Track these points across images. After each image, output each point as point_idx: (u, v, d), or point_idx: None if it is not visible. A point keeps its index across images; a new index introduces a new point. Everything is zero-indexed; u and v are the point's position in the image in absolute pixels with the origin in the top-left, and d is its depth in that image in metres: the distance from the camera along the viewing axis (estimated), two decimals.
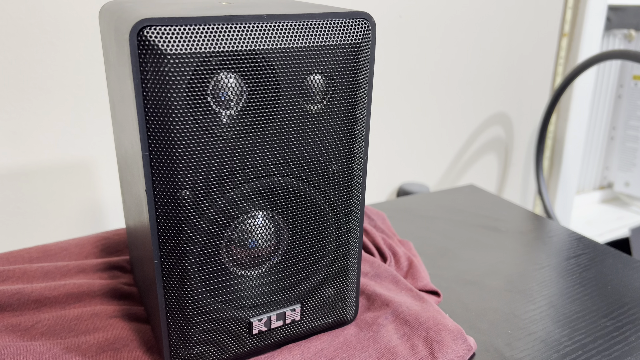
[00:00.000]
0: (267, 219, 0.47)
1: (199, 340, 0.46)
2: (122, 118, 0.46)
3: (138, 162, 0.41)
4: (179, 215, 0.41)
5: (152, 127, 0.38)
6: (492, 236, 0.76)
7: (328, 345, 0.50)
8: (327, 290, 0.51)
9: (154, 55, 0.36)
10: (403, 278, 0.60)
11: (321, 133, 0.45)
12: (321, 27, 0.42)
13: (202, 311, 0.45)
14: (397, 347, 0.49)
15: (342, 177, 0.48)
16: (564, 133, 1.29)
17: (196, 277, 0.44)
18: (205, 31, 0.38)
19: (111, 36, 0.44)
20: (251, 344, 0.48)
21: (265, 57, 0.40)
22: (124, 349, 0.50)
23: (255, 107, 0.42)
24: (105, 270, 0.60)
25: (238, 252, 0.47)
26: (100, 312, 0.54)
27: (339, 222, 0.49)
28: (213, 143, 0.41)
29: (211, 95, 0.40)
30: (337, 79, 0.44)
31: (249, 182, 0.44)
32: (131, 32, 0.36)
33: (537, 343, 0.54)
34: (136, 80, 0.37)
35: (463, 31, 1.09)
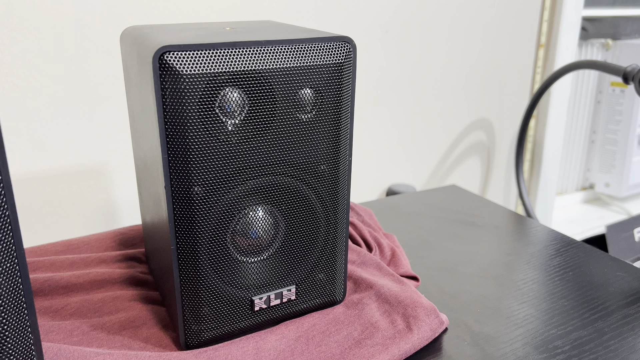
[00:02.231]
0: (266, 212, 0.55)
1: (208, 316, 0.53)
2: (142, 127, 0.54)
3: (158, 164, 0.49)
4: (192, 209, 0.49)
5: (170, 135, 0.46)
6: (469, 230, 0.84)
7: (319, 321, 0.58)
8: (319, 274, 0.59)
9: (172, 75, 0.44)
10: (386, 265, 0.68)
11: (311, 138, 0.53)
12: (310, 49, 0.50)
13: (211, 291, 0.53)
14: (379, 322, 0.57)
15: (330, 175, 0.56)
16: (543, 137, 1.37)
17: (206, 262, 0.52)
18: (214, 55, 0.46)
19: (133, 58, 0.52)
20: (253, 319, 0.56)
21: (264, 75, 0.48)
22: (142, 326, 0.58)
23: (256, 116, 0.50)
24: (123, 261, 0.68)
25: (241, 241, 0.54)
26: (121, 296, 0.61)
27: (327, 214, 0.57)
28: (220, 147, 0.49)
29: (218, 107, 0.48)
30: (325, 93, 0.52)
31: (250, 180, 0.52)
32: (154, 57, 0.44)
33: (503, 319, 0.61)
34: (157, 96, 0.45)
35: (447, 43, 1.17)
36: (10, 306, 0.42)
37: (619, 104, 1.67)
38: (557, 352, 0.56)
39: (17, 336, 0.43)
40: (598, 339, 0.58)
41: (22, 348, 0.44)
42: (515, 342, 0.57)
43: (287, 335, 0.56)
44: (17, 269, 0.42)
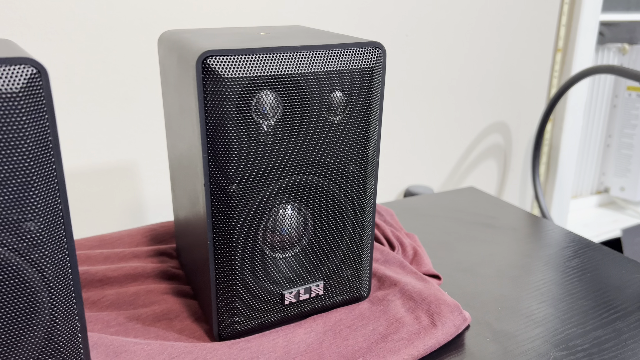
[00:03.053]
0: (295, 210, 0.57)
1: (241, 309, 0.56)
2: (179, 127, 0.57)
3: (197, 163, 0.51)
4: (228, 206, 0.52)
5: (210, 135, 0.49)
6: (487, 232, 0.86)
7: (346, 316, 0.60)
8: (345, 271, 0.61)
9: (214, 79, 0.47)
10: (409, 264, 0.70)
11: (341, 139, 0.55)
12: (343, 54, 0.52)
13: (243, 285, 0.55)
14: (404, 318, 0.59)
15: (358, 176, 0.58)
16: (559, 141, 1.38)
17: (239, 256, 0.54)
18: (254, 59, 0.48)
19: (173, 61, 0.54)
20: (283, 313, 0.58)
21: (298, 78, 0.51)
22: (175, 318, 0.60)
23: (289, 118, 0.52)
24: (155, 256, 0.70)
25: (271, 238, 0.57)
26: (154, 290, 0.64)
27: (355, 213, 0.59)
28: (256, 147, 0.51)
29: (254, 109, 0.51)
30: (355, 95, 0.54)
31: (282, 179, 0.54)
32: (197, 60, 0.46)
33: (523, 318, 0.63)
34: (199, 98, 0.47)
35: (466, 47, 1.19)
36: (61, 294, 0.45)
37: (635, 108, 1.67)
38: (577, 350, 0.57)
39: (66, 323, 0.46)
40: (617, 338, 0.59)
41: (70, 334, 0.47)
42: (535, 339, 0.59)
43: (315, 329, 0.58)
44: (67, 260, 0.45)
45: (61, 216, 0.44)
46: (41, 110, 0.40)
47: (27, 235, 0.42)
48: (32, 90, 0.39)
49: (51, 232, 0.43)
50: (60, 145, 0.43)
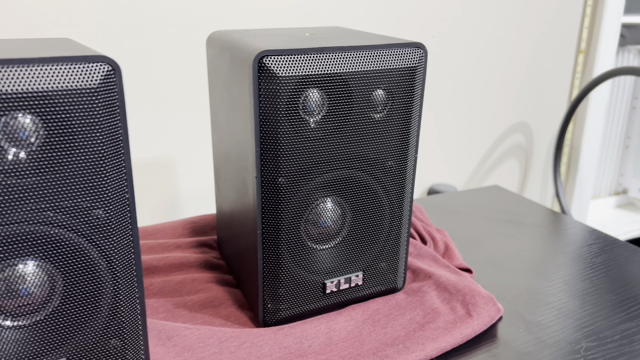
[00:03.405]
0: (334, 203, 0.60)
1: (285, 297, 0.58)
2: (228, 123, 0.60)
3: (249, 157, 0.54)
4: (277, 198, 0.54)
5: (263, 130, 0.51)
6: (513, 228, 0.88)
7: (383, 306, 0.63)
8: (382, 262, 0.64)
9: (269, 77, 0.49)
10: (441, 257, 0.72)
11: (382, 135, 0.58)
12: (387, 54, 0.55)
13: (288, 274, 0.58)
14: (440, 308, 0.61)
15: (397, 171, 0.60)
16: (580, 141, 1.40)
17: (285, 247, 0.57)
18: (305, 59, 0.51)
19: (225, 60, 0.57)
20: (324, 301, 0.61)
21: (344, 77, 0.53)
22: (220, 306, 0.63)
23: (334, 115, 0.54)
24: (196, 247, 0.73)
25: (312, 230, 0.59)
26: (198, 278, 0.67)
27: (392, 207, 0.62)
28: (303, 142, 0.53)
29: (301, 106, 0.53)
30: (396, 94, 0.56)
31: (326, 173, 0.56)
32: (254, 60, 0.49)
33: (553, 311, 0.65)
34: (254, 95, 0.50)
35: (489, 49, 1.21)
36: (124, 278, 0.48)
37: None
38: (608, 341, 0.60)
39: (127, 305, 0.49)
40: None
41: (131, 316, 0.49)
42: (566, 330, 0.61)
43: (354, 317, 0.61)
44: (132, 245, 0.48)
45: (127, 205, 0.47)
46: (114, 105, 0.43)
47: (95, 222, 0.45)
48: (107, 87, 0.42)
49: (118, 219, 0.46)
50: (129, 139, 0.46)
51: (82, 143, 0.42)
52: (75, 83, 0.41)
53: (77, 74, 0.41)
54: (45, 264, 0.45)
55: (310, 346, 0.56)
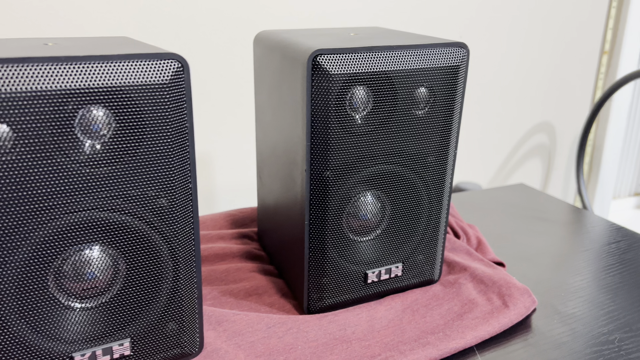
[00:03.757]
0: (374, 197, 0.62)
1: (328, 286, 0.61)
2: (275, 119, 0.62)
3: (298, 151, 0.56)
4: (324, 190, 0.57)
5: (314, 125, 0.54)
6: (541, 225, 0.90)
7: (421, 297, 0.65)
8: (420, 255, 0.66)
9: (322, 75, 0.52)
10: (475, 251, 0.74)
11: (423, 132, 0.60)
12: (431, 53, 0.57)
13: (331, 265, 0.60)
14: (477, 299, 0.64)
15: (437, 166, 0.62)
16: (603, 142, 1.41)
17: (329, 238, 0.59)
18: (355, 57, 0.53)
19: (274, 59, 0.60)
20: (365, 291, 0.63)
21: (390, 75, 0.56)
22: (264, 294, 0.65)
23: (379, 111, 0.57)
24: (238, 238, 0.76)
25: (353, 222, 0.62)
26: (242, 268, 0.69)
27: (431, 201, 0.64)
28: (350, 137, 0.56)
29: (348, 103, 0.56)
30: (438, 91, 0.59)
31: (369, 168, 0.59)
32: (309, 58, 0.51)
33: (585, 303, 0.67)
34: (307, 92, 0.53)
35: (515, 49, 1.23)
36: (184, 263, 0.51)
37: None
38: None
39: (186, 290, 0.52)
40: None
41: (189, 300, 0.52)
42: (599, 322, 0.63)
43: (394, 307, 0.63)
44: (192, 233, 0.51)
45: (190, 194, 0.49)
46: (182, 100, 0.46)
47: (160, 210, 0.48)
48: (177, 83, 0.45)
49: (181, 208, 0.49)
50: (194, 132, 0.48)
51: (151, 135, 0.45)
52: (148, 78, 0.44)
53: (149, 70, 0.44)
54: (110, 249, 0.48)
55: (353, 333, 0.59)
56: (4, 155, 0.41)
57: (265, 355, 0.55)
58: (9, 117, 0.40)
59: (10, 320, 0.44)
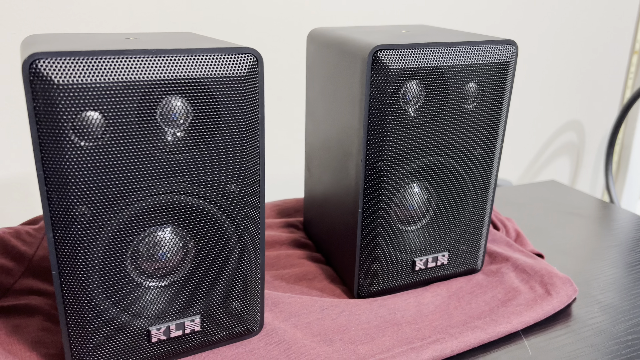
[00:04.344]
0: (421, 188, 0.65)
1: (378, 272, 0.64)
2: (328, 112, 0.65)
3: (354, 143, 0.59)
4: (377, 180, 0.60)
5: (371, 118, 0.57)
6: (574, 220, 0.92)
7: (465, 284, 0.68)
8: (463, 245, 0.68)
9: (381, 69, 0.55)
10: (514, 243, 0.77)
11: (472, 125, 0.63)
12: (482, 50, 0.59)
13: (381, 252, 0.63)
14: (520, 288, 0.66)
15: (483, 159, 0.65)
16: (631, 141, 1.42)
17: (380, 226, 0.62)
18: (412, 53, 0.56)
19: (331, 54, 0.63)
20: (412, 278, 0.66)
21: (441, 70, 0.58)
22: (314, 279, 0.69)
23: (430, 105, 0.60)
24: (284, 227, 0.79)
25: (401, 213, 0.64)
26: (291, 255, 0.73)
27: (476, 193, 0.66)
28: (403, 130, 0.59)
29: (401, 96, 0.58)
30: (487, 86, 0.61)
31: (419, 159, 0.62)
32: (369, 53, 0.54)
33: (626, 293, 0.69)
34: (366, 86, 0.55)
35: (546, 49, 1.25)
36: (249, 246, 0.54)
37: None
38: None
39: (250, 271, 0.55)
40: None
41: (252, 281, 0.55)
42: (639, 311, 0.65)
43: (440, 294, 0.66)
44: (258, 217, 0.54)
45: (258, 181, 0.52)
46: (256, 92, 0.49)
47: (229, 195, 0.51)
48: (252, 75, 0.48)
49: (249, 194, 0.52)
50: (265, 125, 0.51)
51: (227, 125, 0.48)
52: (227, 71, 0.47)
53: (228, 63, 0.47)
54: (181, 231, 0.51)
55: (402, 316, 0.61)
56: (96, 141, 0.44)
57: (321, 335, 0.58)
58: (101, 105, 0.43)
59: (96, 297, 0.48)
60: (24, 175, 0.84)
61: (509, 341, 0.60)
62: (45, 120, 0.41)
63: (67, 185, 0.43)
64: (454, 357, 0.57)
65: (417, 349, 0.55)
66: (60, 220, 0.44)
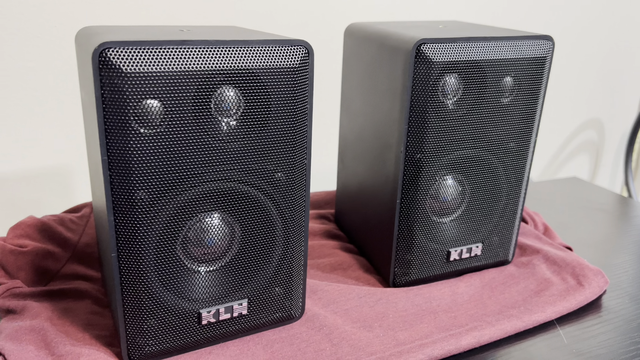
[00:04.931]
0: (455, 181, 0.66)
1: (413, 262, 0.65)
2: (366, 105, 0.67)
3: (393, 135, 0.61)
4: (415, 172, 0.61)
5: (413, 110, 0.58)
6: (599, 215, 0.93)
7: (497, 275, 0.69)
8: (495, 237, 0.70)
9: (424, 62, 0.56)
10: (543, 236, 0.78)
11: (507, 119, 0.64)
12: (520, 45, 0.61)
13: (417, 242, 0.64)
14: (551, 279, 0.67)
15: (518, 152, 0.66)
16: None
17: (417, 218, 0.63)
18: (455, 47, 0.57)
19: (369, 48, 0.64)
20: (447, 268, 0.67)
21: (480, 64, 0.60)
22: (348, 269, 0.70)
23: (468, 98, 0.61)
24: (316, 219, 0.81)
25: (435, 204, 0.66)
26: (325, 245, 0.74)
27: (510, 186, 0.68)
28: (441, 122, 0.60)
29: (440, 90, 0.60)
30: (523, 80, 0.63)
31: (455, 152, 0.63)
32: (412, 48, 0.56)
33: None
34: (409, 79, 0.57)
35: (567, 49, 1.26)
36: (293, 232, 0.55)
37: None
38: None
39: (294, 257, 0.56)
40: None
41: (296, 267, 0.57)
42: None
43: (473, 284, 0.67)
44: (303, 205, 0.55)
45: (305, 170, 0.54)
46: (306, 83, 0.51)
47: (276, 183, 0.53)
48: (304, 67, 0.50)
49: (296, 182, 0.54)
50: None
51: (277, 115, 0.50)
52: (280, 62, 0.48)
53: (282, 55, 0.48)
54: (228, 217, 0.53)
55: (438, 305, 0.63)
56: (154, 128, 0.46)
57: (360, 322, 0.59)
58: (161, 93, 0.45)
59: (151, 280, 0.49)
60: (61, 165, 0.86)
61: (543, 330, 0.61)
62: (111, 107, 0.43)
63: (129, 171, 0.45)
64: (491, 345, 0.58)
65: (455, 335, 0.57)
66: (120, 204, 0.46)
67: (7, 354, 0.50)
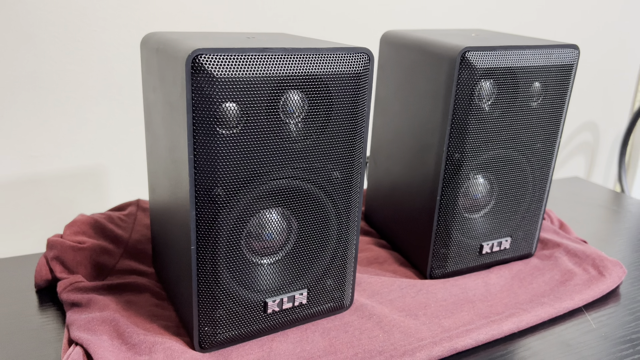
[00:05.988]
0: (485, 179, 0.71)
1: (449, 255, 0.70)
2: (403, 108, 0.71)
3: (434, 136, 0.65)
4: (454, 171, 0.66)
5: (455, 113, 0.63)
6: (606, 212, 0.99)
7: (524, 267, 0.74)
8: (520, 231, 0.75)
9: (468, 68, 0.61)
10: (560, 230, 0.83)
11: (535, 121, 0.69)
12: (549, 53, 0.66)
13: (454, 237, 0.69)
14: (574, 270, 0.73)
15: (543, 153, 0.71)
16: None
17: (455, 213, 0.68)
18: (493, 54, 0.62)
19: (407, 56, 0.68)
20: (479, 260, 0.72)
21: (514, 71, 0.64)
22: (384, 262, 0.74)
23: (501, 101, 0.66)
24: None
25: (466, 202, 0.70)
26: (361, 241, 0.78)
27: (535, 183, 0.73)
28: (479, 124, 0.65)
29: (477, 94, 0.64)
30: (551, 86, 0.68)
31: (488, 152, 0.68)
32: (458, 54, 0.60)
33: None
34: (454, 84, 0.61)
35: None
36: (346, 225, 0.59)
37: None
38: None
39: (346, 249, 0.60)
40: None
41: (347, 260, 0.61)
42: None
43: (503, 275, 0.72)
44: (357, 200, 0.59)
45: (360, 168, 0.58)
46: (366, 88, 0.54)
47: (333, 181, 0.57)
48: (366, 72, 0.54)
49: (350, 180, 0.57)
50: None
51: (339, 117, 0.54)
52: (345, 68, 0.52)
53: (346, 61, 0.52)
54: (286, 211, 0.56)
55: (474, 295, 0.67)
56: (231, 129, 0.49)
57: (405, 311, 0.63)
58: (240, 97, 0.48)
59: (222, 275, 0.53)
60: (94, 166, 0.88)
61: (572, 316, 0.66)
62: (200, 110, 0.46)
63: (212, 168, 0.48)
64: (528, 329, 0.63)
65: (496, 321, 0.61)
66: (201, 200, 0.49)
67: (85, 344, 0.52)
